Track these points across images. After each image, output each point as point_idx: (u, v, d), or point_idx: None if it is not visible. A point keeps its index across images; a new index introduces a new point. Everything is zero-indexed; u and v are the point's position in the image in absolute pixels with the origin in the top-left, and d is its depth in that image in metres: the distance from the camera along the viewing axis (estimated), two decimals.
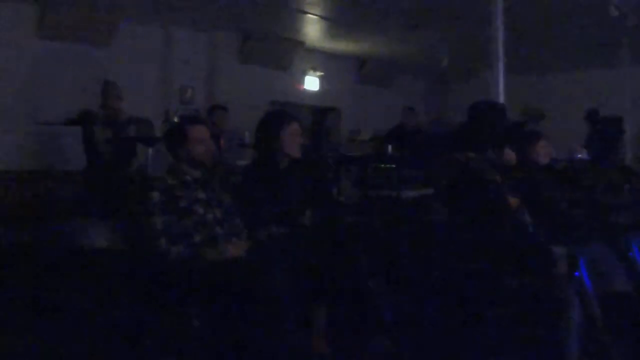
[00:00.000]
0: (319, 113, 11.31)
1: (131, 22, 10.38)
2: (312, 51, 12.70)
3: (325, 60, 13.06)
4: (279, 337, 3.52)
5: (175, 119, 7.88)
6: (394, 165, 7.92)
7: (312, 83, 13.00)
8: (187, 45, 11.18)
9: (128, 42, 10.47)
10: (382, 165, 7.93)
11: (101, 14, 10.07)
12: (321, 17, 10.50)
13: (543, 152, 5.27)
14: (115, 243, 6.87)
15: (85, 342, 4.56)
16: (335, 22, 10.80)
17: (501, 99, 6.57)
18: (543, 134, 5.41)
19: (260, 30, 11.49)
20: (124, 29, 10.44)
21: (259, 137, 4.51)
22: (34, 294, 5.97)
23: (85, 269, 6.68)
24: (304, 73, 12.88)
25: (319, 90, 13.09)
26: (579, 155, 8.23)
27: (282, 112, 5.16)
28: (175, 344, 3.82)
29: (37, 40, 9.85)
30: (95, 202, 7.25)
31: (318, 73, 13.00)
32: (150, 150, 7.10)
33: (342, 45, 12.50)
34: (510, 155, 5.19)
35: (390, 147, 8.53)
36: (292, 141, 4.39)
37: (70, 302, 5.55)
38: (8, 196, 8.18)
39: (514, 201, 4.56)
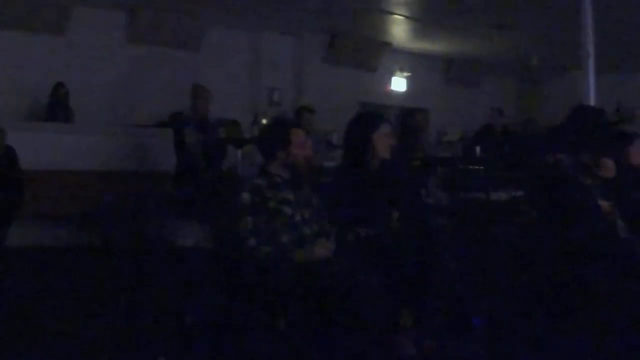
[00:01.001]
0: (406, 114, 11.25)
1: (220, 26, 10.56)
2: (399, 52, 12.67)
3: (412, 61, 12.99)
4: (365, 339, 3.51)
5: (264, 121, 7.97)
6: (482, 167, 7.81)
7: (399, 84, 12.96)
8: (274, 47, 11.30)
9: (218, 46, 10.66)
10: (471, 167, 7.83)
11: (190, 19, 10.26)
12: (408, 17, 10.45)
13: (637, 154, 5.09)
14: (205, 243, 7.00)
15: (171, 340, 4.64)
16: (422, 22, 10.74)
17: (591, 98, 6.41)
18: (637, 135, 5.23)
19: (347, 32, 11.52)
20: (212, 33, 10.63)
21: (350, 139, 4.50)
22: (124, 289, 6.13)
23: (174, 267, 6.83)
24: (391, 74, 12.85)
25: (406, 90, 13.03)
26: None
27: (373, 114, 5.13)
28: (260, 343, 3.86)
29: (127, 46, 10.13)
30: (185, 202, 7.38)
31: (405, 74, 12.95)
32: (239, 152, 7.19)
33: (429, 45, 12.43)
34: (608, 164, 4.99)
35: (478, 148, 8.42)
36: (383, 143, 4.36)
37: (160, 300, 5.67)
38: (101, 196, 8.40)
39: (605, 205, 4.43)
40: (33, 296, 5.85)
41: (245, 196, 3.93)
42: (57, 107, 9.18)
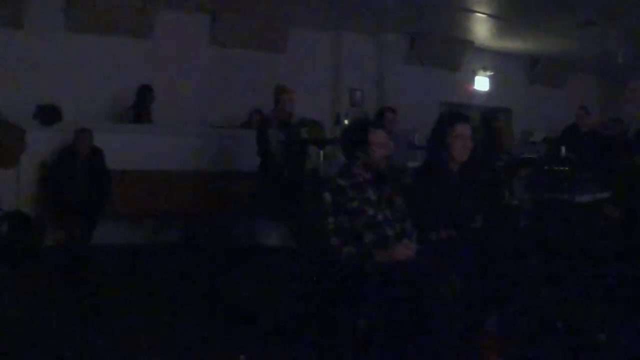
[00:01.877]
0: (488, 114, 11.13)
1: (302, 27, 10.64)
2: (482, 50, 12.53)
3: (495, 60, 12.84)
4: (447, 341, 3.50)
5: (346, 122, 7.99)
6: (567, 168, 7.66)
7: (482, 83, 12.82)
8: (356, 48, 11.32)
9: (300, 47, 10.74)
10: (556, 168, 7.69)
11: (273, 21, 10.37)
12: (491, 15, 10.33)
13: None
14: (287, 242, 7.07)
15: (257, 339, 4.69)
16: (506, 21, 10.60)
17: None
18: None
19: (429, 31, 11.45)
20: (295, 34, 10.72)
21: (431, 139, 4.49)
22: (208, 287, 6.24)
23: (257, 266, 6.92)
24: (474, 73, 12.72)
25: (490, 90, 12.88)
26: None
27: (450, 114, 5.09)
28: (340, 342, 3.87)
29: (210, 48, 10.30)
30: (268, 202, 7.46)
31: (488, 73, 12.81)
32: (321, 152, 7.23)
33: (513, 44, 12.25)
34: None
35: (564, 149, 8.26)
36: (459, 144, 4.32)
37: (242, 299, 5.75)
38: (185, 196, 8.56)
39: None
40: (120, 291, 6.02)
41: (328, 196, 3.96)
42: (142, 110, 9.41)
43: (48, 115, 8.25)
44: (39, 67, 8.80)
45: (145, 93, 9.38)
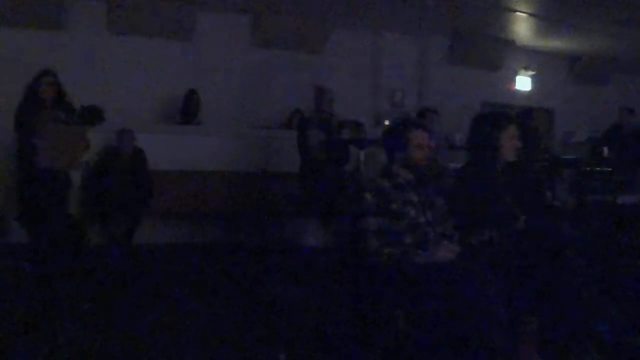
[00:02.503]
0: (526, 114, 11.06)
1: (342, 27, 10.66)
2: (523, 50, 12.43)
3: (536, 59, 12.72)
4: (487, 344, 3.48)
5: (386, 122, 8.00)
6: (610, 169, 7.59)
7: (523, 83, 12.73)
8: (396, 48, 11.31)
9: (340, 48, 10.76)
10: (598, 169, 7.62)
11: (314, 22, 10.40)
12: (531, 14, 10.26)
13: None
14: (328, 242, 7.09)
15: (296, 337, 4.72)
16: (547, 19, 10.51)
17: None
18: None
19: (469, 31, 11.40)
20: (335, 34, 10.74)
21: (475, 139, 4.44)
22: (249, 287, 6.29)
23: (299, 266, 6.94)
24: (515, 73, 12.63)
25: (531, 90, 12.78)
26: None
27: (500, 114, 5.03)
28: (379, 343, 3.87)
29: (251, 49, 10.36)
30: (309, 203, 7.49)
31: (530, 72, 12.70)
32: (361, 153, 7.24)
33: (554, 43, 12.13)
34: None
35: (606, 150, 8.19)
36: (510, 144, 4.29)
37: (281, 299, 5.78)
38: (227, 196, 8.63)
39: None
40: (161, 290, 6.10)
41: (369, 197, 3.97)
42: (189, 112, 9.53)
43: (90, 116, 8.35)
44: (81, 68, 8.92)
45: (191, 96, 9.51)
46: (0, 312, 5.03)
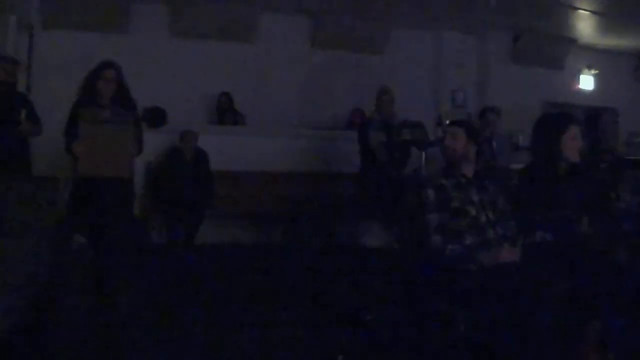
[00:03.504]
0: (592, 114, 10.88)
1: (403, 28, 10.65)
2: (587, 48, 12.25)
3: (600, 58, 12.52)
4: (550, 348, 3.46)
5: (447, 122, 7.97)
6: None
7: (587, 82, 12.55)
8: (458, 48, 11.25)
9: (401, 48, 10.76)
10: None
11: (374, 22, 10.42)
12: (594, 12, 10.11)
13: None
14: (390, 243, 7.09)
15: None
16: (610, 17, 10.35)
17: None
18: None
19: (531, 29, 11.29)
20: (396, 35, 10.74)
21: (538, 140, 4.40)
22: (311, 287, 6.33)
23: (359, 266, 6.97)
24: (579, 72, 12.46)
25: (595, 89, 12.59)
26: None
27: (562, 115, 4.99)
28: (437, 345, 3.89)
29: (312, 50, 10.42)
30: (370, 203, 7.50)
31: (593, 71, 12.51)
32: (423, 154, 7.24)
33: (618, 41, 11.93)
34: None
35: None
36: (573, 145, 4.24)
37: (344, 299, 5.81)
38: (288, 196, 8.71)
39: None
40: (223, 290, 6.19)
41: (431, 193, 3.99)
42: (226, 113, 9.68)
43: (154, 117, 8.52)
44: (144, 71, 9.09)
45: (222, 98, 9.67)
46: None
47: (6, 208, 4.88)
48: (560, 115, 4.81)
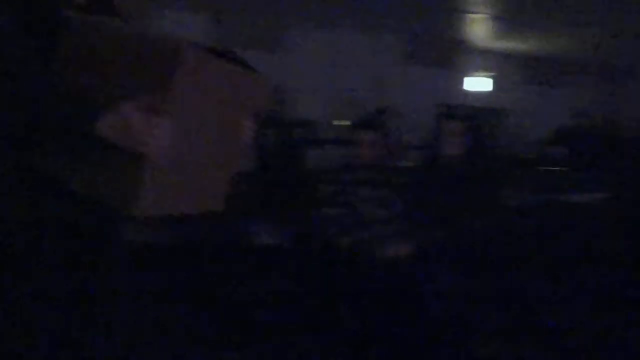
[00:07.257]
0: (487, 114, 11.16)
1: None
2: (481, 51, 12.52)
3: (494, 61, 12.81)
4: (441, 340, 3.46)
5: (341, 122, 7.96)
6: (565, 168, 7.66)
7: (481, 84, 12.81)
8: (352, 47, 11.31)
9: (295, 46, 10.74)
10: (553, 168, 7.68)
11: (269, 20, 10.34)
12: (489, 16, 10.31)
13: None
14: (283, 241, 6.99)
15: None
16: (505, 21, 10.57)
17: None
18: None
19: (427, 32, 11.43)
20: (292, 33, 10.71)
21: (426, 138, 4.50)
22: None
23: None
24: (473, 74, 12.70)
25: (490, 91, 12.87)
26: None
27: (441, 113, 5.15)
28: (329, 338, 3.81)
29: None
30: (263, 201, 7.39)
31: (488, 74, 12.78)
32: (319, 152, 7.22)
33: (512, 45, 12.23)
34: None
35: (561, 149, 8.25)
36: (449, 141, 4.29)
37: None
38: None
39: None
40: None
41: (327, 189, 4.01)
42: None
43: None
44: None
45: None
46: None
47: None
48: (440, 114, 4.96)
